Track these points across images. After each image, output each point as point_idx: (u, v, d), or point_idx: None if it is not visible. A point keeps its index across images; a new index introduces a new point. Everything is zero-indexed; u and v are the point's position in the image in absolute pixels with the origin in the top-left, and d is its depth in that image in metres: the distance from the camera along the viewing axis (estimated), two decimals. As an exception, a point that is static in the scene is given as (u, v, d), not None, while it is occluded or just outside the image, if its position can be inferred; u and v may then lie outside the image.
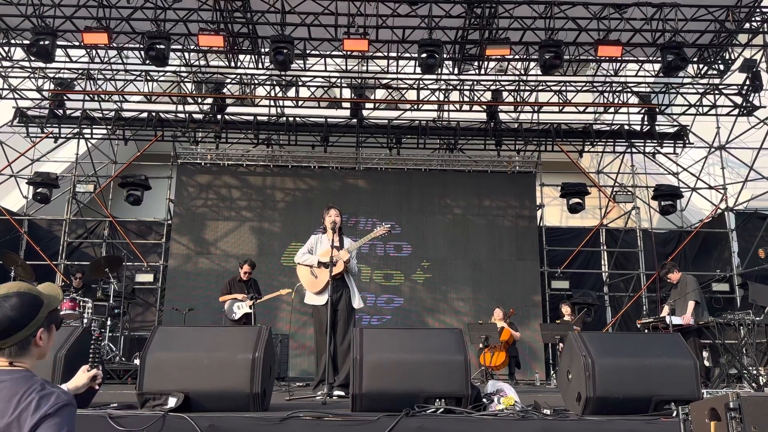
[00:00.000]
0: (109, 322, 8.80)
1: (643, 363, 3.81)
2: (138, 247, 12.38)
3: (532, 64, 11.43)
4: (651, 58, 11.07)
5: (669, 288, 8.33)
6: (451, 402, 3.70)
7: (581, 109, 12.11)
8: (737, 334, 6.91)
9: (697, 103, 11.70)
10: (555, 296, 12.16)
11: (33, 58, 9.95)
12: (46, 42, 9.19)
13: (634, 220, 12.99)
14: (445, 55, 10.41)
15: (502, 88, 12.00)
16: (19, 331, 1.87)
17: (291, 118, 12.17)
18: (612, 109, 12.44)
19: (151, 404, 3.67)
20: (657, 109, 12.08)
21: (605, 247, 13.20)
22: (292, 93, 12.13)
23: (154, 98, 12.00)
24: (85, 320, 8.28)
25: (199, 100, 12.25)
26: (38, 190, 11.42)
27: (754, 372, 6.28)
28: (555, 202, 13.32)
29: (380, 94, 12.58)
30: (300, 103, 11.99)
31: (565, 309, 10.07)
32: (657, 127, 12.24)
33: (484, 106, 12.03)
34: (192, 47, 10.94)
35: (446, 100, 12.23)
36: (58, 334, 3.94)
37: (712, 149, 12.62)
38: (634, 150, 12.69)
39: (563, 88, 11.96)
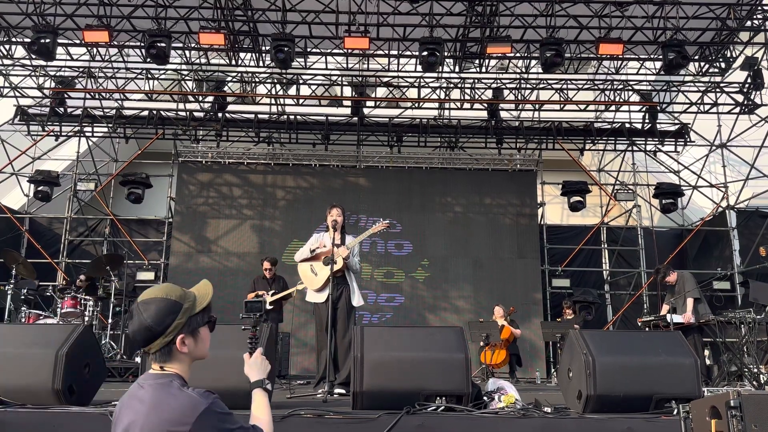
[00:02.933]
0: (110, 320, 8.82)
1: (643, 361, 3.81)
2: (139, 245, 12.39)
3: (533, 62, 11.42)
4: (652, 56, 11.05)
5: (668, 287, 8.32)
6: (451, 400, 3.70)
7: (582, 107, 12.10)
8: (738, 333, 6.92)
9: (699, 101, 11.69)
10: (556, 294, 12.16)
11: (34, 56, 9.96)
12: (47, 40, 9.18)
13: (635, 218, 12.98)
14: (446, 53, 10.40)
15: (503, 86, 12.00)
16: (156, 339, 1.87)
17: (292, 116, 12.17)
18: (613, 107, 12.43)
19: (152, 402, 3.67)
20: (658, 107, 12.09)
21: (606, 246, 13.20)
22: (293, 91, 12.14)
23: (155, 96, 12.01)
24: (87, 318, 8.29)
25: (200, 98, 12.25)
26: (39, 188, 11.43)
27: (755, 370, 6.28)
28: (556, 200, 13.31)
29: (381, 92, 12.57)
30: (301, 101, 11.99)
31: (567, 307, 10.08)
32: (658, 125, 12.24)
33: (485, 104, 12.02)
34: (193, 45, 10.94)
35: (447, 98, 12.22)
36: (58, 333, 3.96)
37: (714, 147, 12.60)
38: (635, 148, 12.69)
39: (564, 86, 11.95)
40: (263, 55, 11.13)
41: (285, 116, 12.30)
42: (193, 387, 1.87)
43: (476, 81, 11.94)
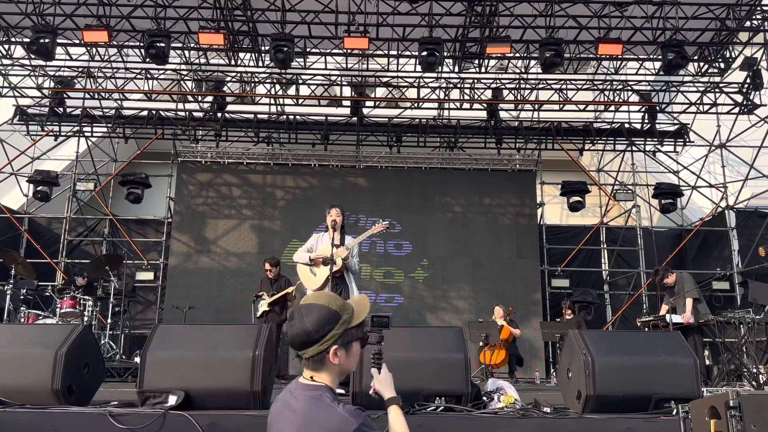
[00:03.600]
0: (109, 320, 8.82)
1: (643, 361, 3.81)
2: (138, 245, 12.39)
3: (533, 62, 11.42)
4: (651, 57, 11.06)
5: (667, 289, 8.32)
6: (451, 400, 3.70)
7: (582, 107, 12.11)
8: (737, 333, 6.92)
9: (698, 102, 11.69)
10: (555, 294, 12.16)
11: (33, 56, 9.96)
12: (47, 40, 9.18)
13: (635, 218, 12.99)
14: (445, 53, 10.40)
15: (503, 86, 12.00)
16: (312, 346, 1.87)
17: (291, 116, 12.17)
18: (612, 108, 12.43)
19: (152, 402, 3.67)
20: (657, 108, 12.09)
21: (605, 246, 13.20)
22: (292, 91, 12.14)
23: (154, 96, 12.00)
24: (86, 318, 8.28)
25: (200, 98, 12.24)
26: (38, 188, 11.42)
27: (754, 370, 6.28)
28: (555, 201, 13.31)
29: (380, 92, 12.58)
30: (300, 101, 11.99)
31: (566, 308, 10.08)
32: (657, 126, 12.25)
33: (485, 104, 12.02)
34: (192, 45, 10.93)
35: (446, 98, 12.22)
36: (58, 333, 3.95)
37: (713, 147, 12.61)
38: (634, 148, 12.70)
39: (564, 86, 11.95)
40: (263, 55, 11.13)
41: (284, 116, 12.30)
42: (343, 403, 1.88)
43: (476, 81, 11.94)
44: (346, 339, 1.91)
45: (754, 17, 10.44)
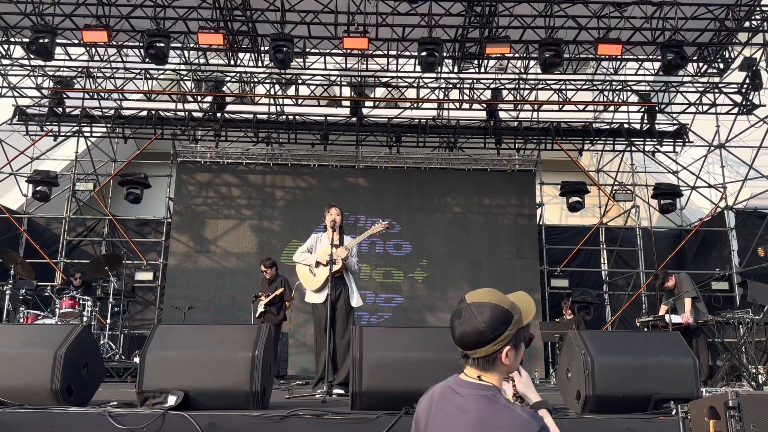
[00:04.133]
0: (108, 320, 8.81)
1: (642, 361, 3.81)
2: (137, 245, 12.38)
3: (532, 62, 11.42)
4: (651, 57, 11.06)
5: (667, 291, 8.32)
6: (450, 400, 3.70)
7: (581, 107, 12.10)
8: (737, 333, 6.92)
9: (697, 102, 11.70)
10: (554, 295, 12.16)
11: (32, 56, 9.94)
12: (46, 40, 9.17)
13: (634, 218, 12.99)
14: (444, 54, 10.40)
15: (502, 87, 12.00)
16: (485, 345, 1.81)
17: (291, 117, 12.16)
18: (612, 108, 12.44)
19: (151, 402, 3.67)
20: (657, 108, 12.08)
21: (605, 246, 13.21)
22: (291, 91, 12.13)
23: (153, 96, 11.99)
24: (85, 318, 8.28)
25: (199, 99, 12.24)
26: (38, 189, 11.42)
27: (753, 370, 6.28)
28: (555, 201, 13.31)
29: (380, 92, 12.57)
30: (300, 101, 11.99)
31: (566, 308, 10.09)
32: (657, 126, 12.24)
33: (484, 105, 12.02)
34: (192, 45, 10.93)
35: (446, 98, 12.22)
36: (57, 333, 3.95)
37: (712, 148, 12.61)
38: (633, 148, 12.70)
39: (563, 87, 11.96)
40: (262, 55, 11.13)
41: (284, 116, 12.29)
42: (516, 405, 1.83)
43: (475, 81, 11.94)
44: (517, 339, 1.86)
45: (753, 18, 10.45)
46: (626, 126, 12.34)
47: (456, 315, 1.86)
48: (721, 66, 11.33)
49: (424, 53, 9.52)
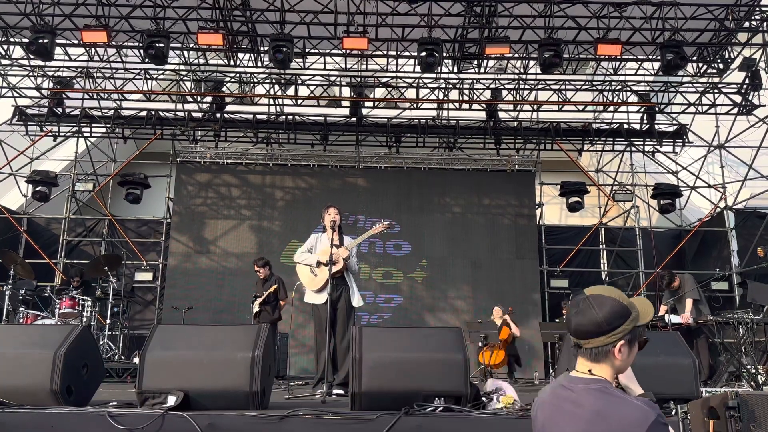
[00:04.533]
0: (108, 321, 8.81)
1: (642, 361, 3.77)
2: (137, 245, 12.38)
3: (532, 62, 11.42)
4: (650, 57, 11.06)
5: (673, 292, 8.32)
6: (450, 400, 3.70)
7: (581, 107, 12.10)
8: (736, 333, 6.92)
9: (697, 102, 11.70)
10: (554, 295, 12.16)
11: (32, 57, 9.93)
12: (46, 40, 9.16)
13: (633, 218, 13.00)
14: (444, 54, 10.40)
15: (502, 87, 11.99)
16: (600, 336, 1.83)
17: (290, 117, 12.15)
18: (611, 108, 12.43)
19: (151, 403, 3.67)
20: (656, 108, 12.08)
21: (604, 246, 13.21)
22: (291, 91, 12.12)
23: (153, 97, 11.99)
24: (85, 318, 8.28)
25: (199, 99, 12.24)
26: (37, 189, 11.41)
27: (753, 371, 6.28)
28: (554, 201, 13.31)
29: (380, 92, 12.57)
30: (299, 101, 11.98)
31: (566, 308, 10.08)
32: (656, 126, 12.24)
33: (484, 105, 12.02)
34: (191, 46, 10.92)
35: (446, 98, 12.22)
36: (56, 333, 3.95)
37: (712, 148, 12.61)
38: (633, 149, 12.69)
39: (563, 87, 11.95)
40: (262, 55, 11.12)
41: (283, 117, 12.29)
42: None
43: (475, 81, 11.94)
44: (633, 336, 1.87)
45: (752, 18, 10.45)
46: (626, 126, 12.34)
47: (573, 305, 1.91)
48: (721, 66, 11.33)
49: (423, 53, 9.52)
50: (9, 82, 11.46)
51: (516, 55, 11.19)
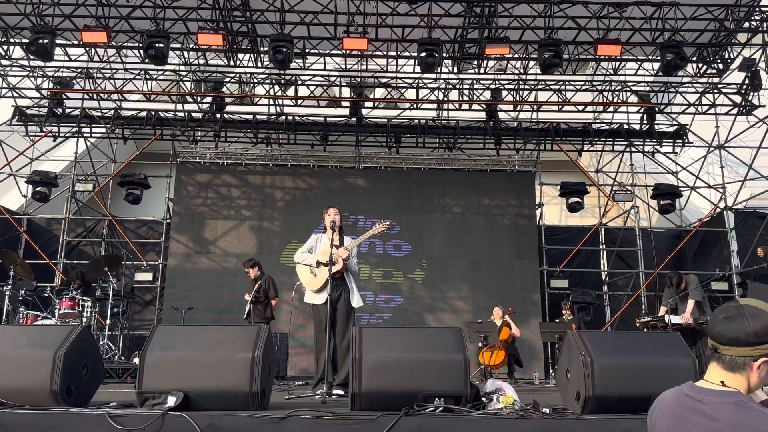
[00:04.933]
0: (108, 321, 8.81)
1: (642, 362, 3.81)
2: (137, 245, 12.38)
3: (532, 63, 11.42)
4: (650, 57, 11.06)
5: (667, 287, 8.32)
6: (450, 401, 3.70)
7: (580, 108, 12.10)
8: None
9: (697, 102, 11.70)
10: (554, 295, 12.16)
11: (32, 57, 9.93)
12: (45, 41, 9.16)
13: (633, 219, 13.00)
14: (444, 54, 10.40)
15: (502, 87, 12.00)
16: (744, 347, 1.75)
17: (290, 117, 12.16)
18: (611, 108, 12.44)
19: (151, 403, 3.67)
20: (656, 108, 12.08)
21: (604, 246, 13.21)
22: (291, 92, 12.12)
23: (153, 97, 11.98)
24: (85, 319, 8.28)
25: (199, 99, 12.24)
26: (37, 189, 11.41)
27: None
28: (554, 201, 13.32)
29: (379, 93, 12.56)
30: (299, 102, 11.98)
31: (565, 308, 10.08)
32: (656, 126, 12.24)
33: (484, 105, 12.02)
34: (191, 46, 10.93)
35: (445, 99, 12.22)
36: (56, 334, 3.95)
37: (712, 148, 12.62)
38: (633, 149, 12.69)
39: (562, 87, 11.96)
40: (262, 55, 11.13)
41: (283, 117, 12.29)
42: None
43: (475, 82, 11.94)
44: None
45: (752, 18, 10.45)
46: (626, 126, 12.34)
47: (724, 310, 1.83)
48: (721, 66, 11.34)
49: (423, 54, 9.52)
50: (9, 83, 11.46)
51: (516, 56, 11.19)
